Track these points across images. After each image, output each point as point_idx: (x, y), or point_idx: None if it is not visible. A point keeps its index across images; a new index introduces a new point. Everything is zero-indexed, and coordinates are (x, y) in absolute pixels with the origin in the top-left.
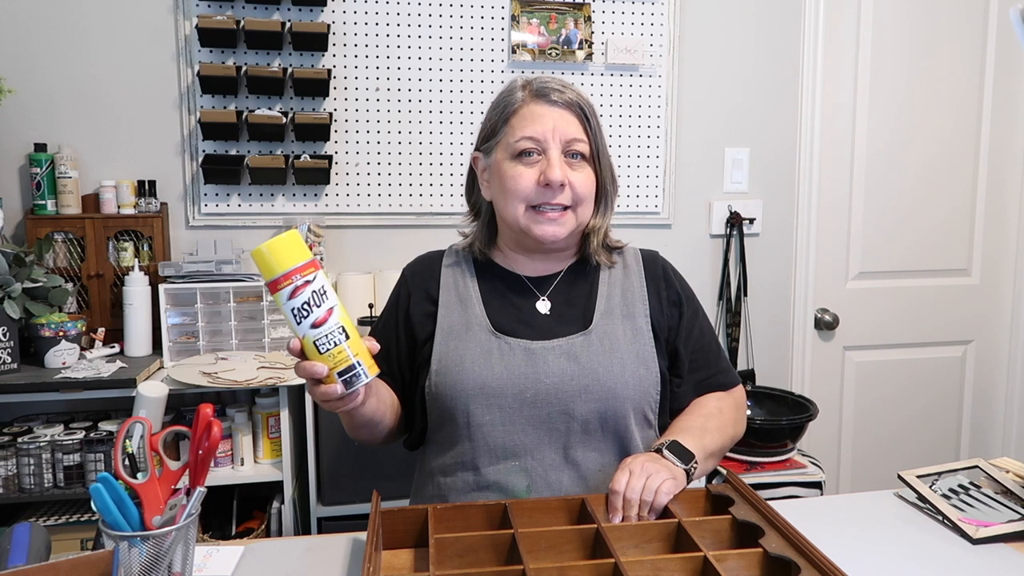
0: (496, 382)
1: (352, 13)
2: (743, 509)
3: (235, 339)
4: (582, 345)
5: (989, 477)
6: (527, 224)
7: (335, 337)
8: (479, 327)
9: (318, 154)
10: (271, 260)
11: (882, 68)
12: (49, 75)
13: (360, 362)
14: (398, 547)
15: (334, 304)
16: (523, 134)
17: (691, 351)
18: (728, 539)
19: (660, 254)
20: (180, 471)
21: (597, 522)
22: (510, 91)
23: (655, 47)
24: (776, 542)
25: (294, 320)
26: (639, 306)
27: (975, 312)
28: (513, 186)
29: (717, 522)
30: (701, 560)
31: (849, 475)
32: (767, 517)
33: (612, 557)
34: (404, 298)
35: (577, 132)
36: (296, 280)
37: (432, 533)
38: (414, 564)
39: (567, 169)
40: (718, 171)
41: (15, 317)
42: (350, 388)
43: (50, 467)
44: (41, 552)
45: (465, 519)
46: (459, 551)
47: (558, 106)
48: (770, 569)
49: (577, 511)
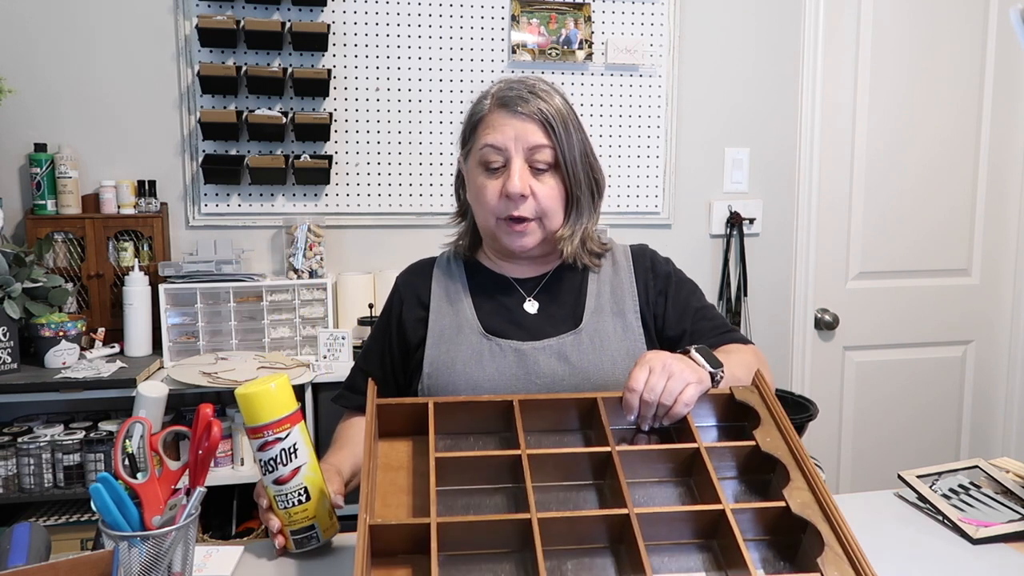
0: (488, 383)
1: (352, 13)
2: (769, 435)
3: (235, 339)
4: (572, 344)
5: (989, 477)
6: (499, 234)
7: (294, 497)
8: (470, 329)
9: (318, 154)
10: (250, 409)
11: (882, 68)
12: (49, 75)
13: (316, 525)
14: (396, 436)
15: (302, 463)
16: (485, 142)
17: (691, 321)
18: (744, 465)
19: (648, 246)
20: (180, 471)
21: (610, 445)
22: (480, 98)
23: (655, 47)
24: (771, 436)
25: (260, 471)
26: (629, 303)
27: (975, 312)
28: (481, 198)
29: (738, 449)
30: (719, 513)
31: (849, 475)
32: (767, 404)
33: (622, 497)
34: (397, 305)
35: (540, 140)
36: (267, 436)
37: (432, 443)
38: (411, 462)
39: (530, 179)
40: (718, 171)
41: (15, 317)
42: (299, 548)
43: (50, 467)
44: (41, 552)
45: (468, 412)
46: (461, 468)
47: (520, 116)
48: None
49: (588, 411)
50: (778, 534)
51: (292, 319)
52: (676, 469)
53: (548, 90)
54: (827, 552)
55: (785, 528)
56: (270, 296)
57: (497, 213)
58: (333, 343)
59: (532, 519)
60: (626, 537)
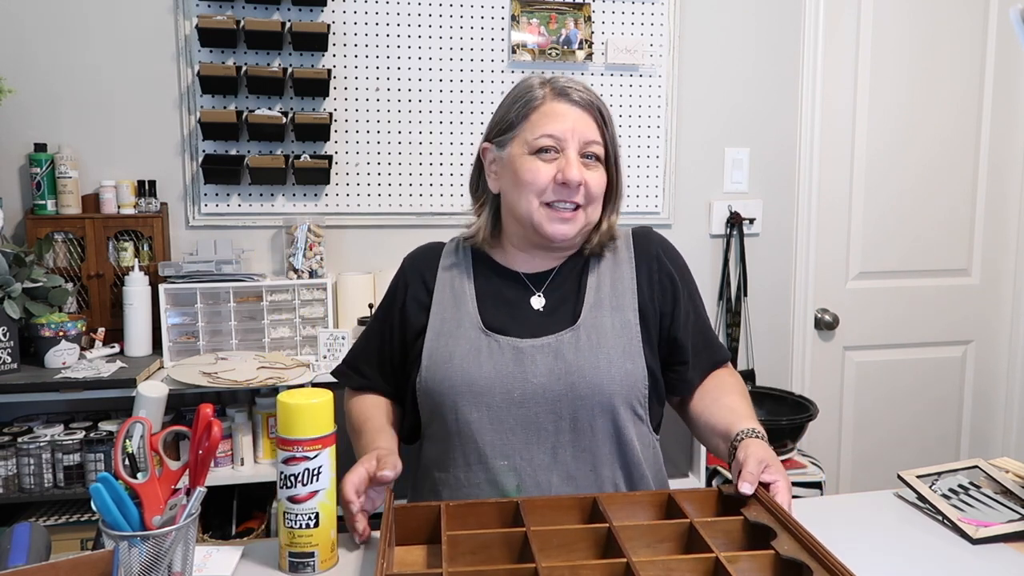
0: (484, 381)
1: (352, 13)
2: (755, 510)
3: (235, 339)
4: (569, 342)
5: (989, 477)
6: (539, 220)
7: (303, 520)
8: (470, 324)
9: (318, 154)
10: (287, 419)
11: (882, 68)
12: (49, 75)
13: (316, 554)
14: (411, 543)
15: (321, 489)
16: (544, 131)
17: (692, 334)
18: (740, 540)
19: (654, 230)
20: (180, 471)
21: (609, 521)
22: (528, 87)
23: (655, 47)
24: (788, 544)
25: (279, 482)
26: (628, 297)
27: (975, 312)
28: (531, 179)
29: (729, 523)
30: (713, 561)
31: (849, 475)
32: (779, 518)
33: (624, 556)
34: (402, 288)
35: (594, 134)
36: (296, 451)
37: (445, 530)
38: (427, 561)
39: (583, 169)
40: (718, 171)
41: (15, 317)
42: (293, 572)
43: (50, 467)
44: (41, 552)
45: (477, 516)
46: (472, 548)
47: (578, 106)
48: (782, 572)
49: (589, 510)
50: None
51: (292, 319)
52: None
53: (591, 87)
54: None
55: (779, 574)
56: (270, 296)
57: (545, 197)
58: (333, 343)
59: (537, 567)
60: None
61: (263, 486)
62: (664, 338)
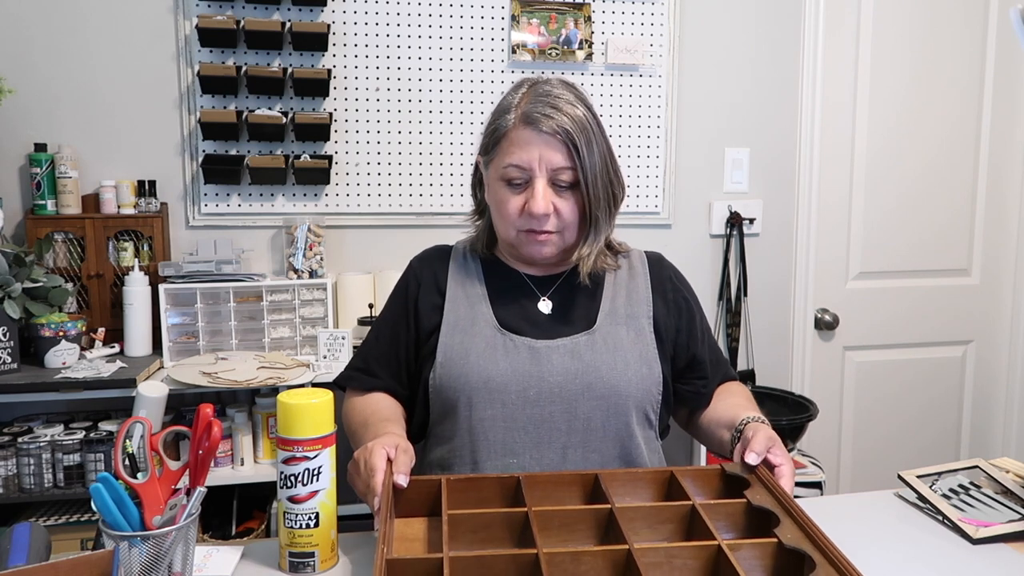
0: (500, 378)
1: (352, 13)
2: (759, 494)
3: (235, 339)
4: (586, 344)
5: (989, 477)
6: (518, 243)
7: (303, 520)
8: (485, 323)
9: (318, 154)
10: (286, 419)
11: (882, 68)
12: (49, 75)
13: (316, 554)
14: (411, 516)
15: (321, 488)
16: (510, 161)
17: (707, 351)
18: (742, 524)
19: (664, 256)
20: (180, 471)
21: (611, 502)
22: (507, 106)
23: (655, 47)
24: (791, 532)
25: (279, 482)
26: (643, 308)
27: (975, 312)
28: (502, 211)
29: (731, 506)
30: (715, 548)
31: (849, 475)
32: (782, 503)
33: (625, 542)
34: (413, 288)
35: (563, 162)
36: (296, 451)
37: (446, 508)
38: (427, 535)
39: (553, 197)
40: (718, 171)
41: (15, 317)
42: (292, 571)
43: (50, 467)
44: (41, 552)
45: (478, 491)
46: (473, 527)
47: (545, 134)
48: (784, 560)
49: (591, 486)
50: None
51: (292, 319)
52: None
53: (572, 100)
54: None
55: (782, 561)
56: (270, 296)
57: (518, 227)
58: (333, 343)
59: (539, 553)
60: (630, 573)
61: (263, 486)
62: (682, 355)
